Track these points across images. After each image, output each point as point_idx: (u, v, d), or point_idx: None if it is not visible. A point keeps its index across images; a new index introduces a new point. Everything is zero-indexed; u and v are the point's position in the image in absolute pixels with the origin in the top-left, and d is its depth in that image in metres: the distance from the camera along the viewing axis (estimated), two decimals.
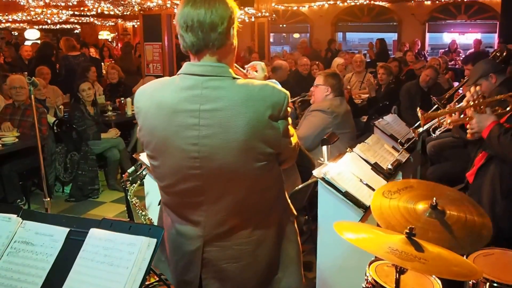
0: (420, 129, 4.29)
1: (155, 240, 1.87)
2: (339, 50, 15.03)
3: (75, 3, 8.34)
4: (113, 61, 14.10)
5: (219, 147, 1.97)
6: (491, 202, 3.45)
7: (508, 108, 3.49)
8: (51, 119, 7.17)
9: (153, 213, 4.11)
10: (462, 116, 3.79)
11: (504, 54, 5.68)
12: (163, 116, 2.01)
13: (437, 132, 4.45)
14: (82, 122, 6.78)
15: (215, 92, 1.97)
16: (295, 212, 2.41)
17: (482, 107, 3.54)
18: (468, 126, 3.62)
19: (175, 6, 9.53)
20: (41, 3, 8.20)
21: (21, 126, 6.41)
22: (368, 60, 13.58)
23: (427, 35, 16.29)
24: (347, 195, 3.29)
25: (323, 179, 3.34)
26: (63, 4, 8.60)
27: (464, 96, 4.13)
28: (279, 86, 2.07)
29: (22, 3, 8.19)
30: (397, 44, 16.50)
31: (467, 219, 2.38)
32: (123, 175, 4.21)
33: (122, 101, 8.08)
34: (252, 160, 2.02)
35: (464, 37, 16.44)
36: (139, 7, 9.39)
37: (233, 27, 2.03)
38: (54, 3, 8.45)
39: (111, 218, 2.06)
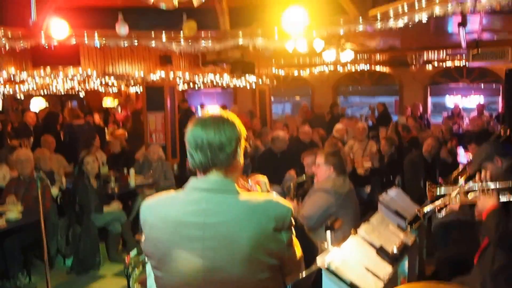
0: (425, 209, 4.28)
1: None
2: (342, 114, 15.10)
3: (80, 78, 8.55)
4: (116, 127, 14.25)
5: (223, 260, 1.99)
6: (481, 283, 3.45)
7: None
8: (55, 191, 7.17)
9: None
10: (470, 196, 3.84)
11: (508, 133, 5.71)
12: (168, 229, 2.05)
13: (443, 212, 4.43)
14: (85, 195, 6.79)
15: (220, 206, 2.02)
16: None
17: (490, 191, 3.58)
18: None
19: (178, 78, 9.68)
20: (48, 79, 8.40)
21: (24, 199, 6.45)
22: (370, 124, 13.65)
23: (429, 98, 16.20)
24: (352, 286, 3.24)
25: (327, 269, 3.29)
26: (69, 79, 8.80)
27: (471, 177, 4.15)
28: (282, 200, 2.12)
29: (29, 81, 8.41)
30: (398, 104, 16.50)
31: None
32: (126, 257, 4.16)
33: (125, 172, 8.09)
34: (256, 272, 2.02)
35: (467, 100, 16.23)
36: (142, 80, 9.53)
37: (240, 146, 2.13)
38: (61, 78, 8.65)
39: None
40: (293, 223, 2.11)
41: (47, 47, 6.64)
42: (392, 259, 3.82)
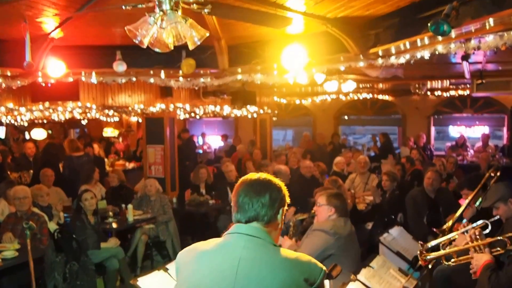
0: (428, 257, 4.20)
1: None
2: (343, 144, 15.01)
3: (80, 111, 8.52)
4: (117, 157, 14.20)
5: None
6: None
7: (507, 247, 3.52)
8: (53, 226, 7.08)
9: None
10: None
11: (498, 174, 5.62)
12: (203, 267, 2.20)
13: (447, 248, 4.35)
14: (83, 232, 6.72)
15: (256, 251, 2.20)
16: None
17: (482, 247, 3.58)
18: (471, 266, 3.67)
19: (178, 110, 9.64)
20: (46, 113, 8.38)
21: (22, 236, 6.35)
22: (373, 154, 13.56)
23: (433, 128, 15.97)
24: None
25: None
26: (68, 111, 8.78)
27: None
28: (316, 261, 2.25)
29: (28, 115, 8.40)
30: (401, 133, 16.35)
31: None
32: None
33: (123, 207, 7.98)
34: None
35: (471, 130, 15.79)
36: (142, 112, 9.50)
37: (283, 208, 2.36)
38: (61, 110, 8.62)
39: None
40: (324, 286, 2.25)
41: (44, 85, 6.63)
42: None
